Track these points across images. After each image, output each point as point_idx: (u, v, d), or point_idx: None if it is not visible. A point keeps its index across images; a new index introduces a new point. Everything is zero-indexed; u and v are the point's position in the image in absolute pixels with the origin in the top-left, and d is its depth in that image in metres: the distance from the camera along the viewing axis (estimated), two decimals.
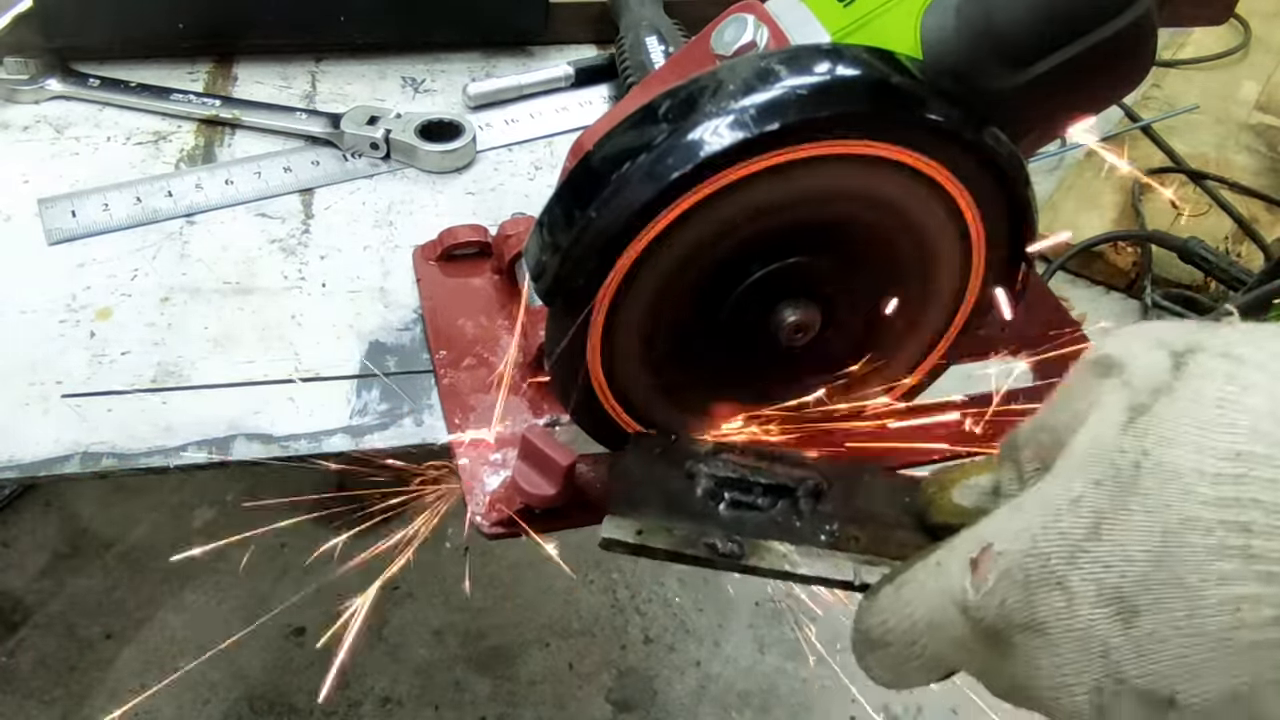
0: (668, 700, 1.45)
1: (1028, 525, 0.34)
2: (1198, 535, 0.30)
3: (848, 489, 0.45)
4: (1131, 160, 2.12)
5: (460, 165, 0.77)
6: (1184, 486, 0.31)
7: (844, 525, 0.44)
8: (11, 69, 0.79)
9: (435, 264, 0.67)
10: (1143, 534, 0.31)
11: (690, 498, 0.46)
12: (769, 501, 0.46)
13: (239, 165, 0.75)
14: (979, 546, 0.35)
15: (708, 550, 0.44)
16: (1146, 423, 0.32)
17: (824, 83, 0.43)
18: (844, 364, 0.55)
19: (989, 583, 0.34)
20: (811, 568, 0.43)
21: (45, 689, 1.39)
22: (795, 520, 0.45)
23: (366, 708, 1.41)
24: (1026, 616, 0.33)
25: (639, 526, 0.45)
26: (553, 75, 0.85)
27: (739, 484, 0.46)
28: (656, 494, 0.47)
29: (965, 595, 0.35)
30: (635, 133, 0.44)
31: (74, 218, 0.70)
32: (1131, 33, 0.47)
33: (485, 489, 0.53)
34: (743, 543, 0.44)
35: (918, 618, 0.37)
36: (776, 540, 0.44)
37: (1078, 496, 0.33)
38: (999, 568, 0.34)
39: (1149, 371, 0.34)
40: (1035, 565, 0.33)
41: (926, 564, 0.38)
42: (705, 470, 0.47)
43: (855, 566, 0.43)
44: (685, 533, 0.45)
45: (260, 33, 0.84)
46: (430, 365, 0.62)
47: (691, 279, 0.48)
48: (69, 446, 0.57)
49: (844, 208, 0.48)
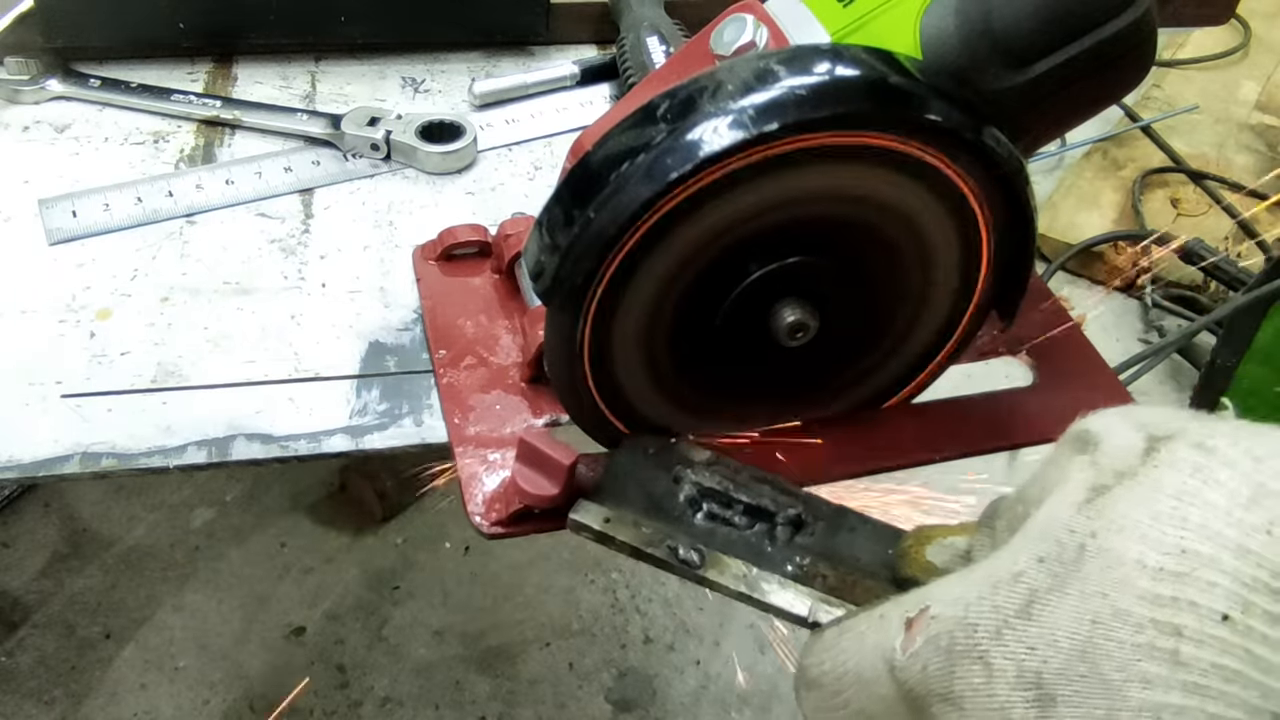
0: (668, 700, 1.45)
1: (965, 593, 0.33)
2: (1128, 631, 0.29)
3: (831, 527, 0.45)
4: (1131, 160, 2.12)
5: (461, 166, 0.77)
6: (1123, 576, 0.29)
7: (815, 560, 0.44)
8: (13, 69, 0.79)
9: (435, 264, 0.67)
10: (1073, 620, 0.30)
11: (670, 501, 0.46)
12: (746, 521, 0.45)
13: (239, 165, 0.75)
14: (919, 607, 0.34)
15: (668, 553, 0.44)
16: (1102, 505, 0.31)
17: (823, 83, 0.43)
18: (843, 366, 0.55)
19: (916, 644, 0.33)
20: (767, 595, 0.43)
21: (45, 689, 1.39)
22: (767, 545, 0.45)
23: (366, 708, 1.41)
24: (944, 687, 0.32)
25: (608, 515, 0.45)
26: (558, 74, 0.85)
27: (720, 497, 0.46)
28: (639, 491, 0.47)
29: (894, 655, 0.34)
30: (634, 133, 0.44)
31: (74, 217, 0.70)
32: (1131, 33, 0.47)
33: (484, 489, 0.53)
34: (705, 554, 0.44)
35: (849, 667, 0.36)
36: (740, 560, 0.44)
37: (1019, 571, 0.32)
38: (929, 632, 0.33)
39: (1119, 453, 0.32)
40: (962, 635, 0.32)
41: (871, 615, 0.36)
42: (691, 477, 0.47)
43: (814, 604, 0.42)
44: (651, 532, 0.45)
45: (261, 33, 0.84)
46: (430, 365, 0.62)
47: (689, 279, 0.48)
48: (69, 446, 0.57)
49: (844, 207, 0.48)
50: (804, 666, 0.38)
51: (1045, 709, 0.30)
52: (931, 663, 0.32)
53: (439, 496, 1.64)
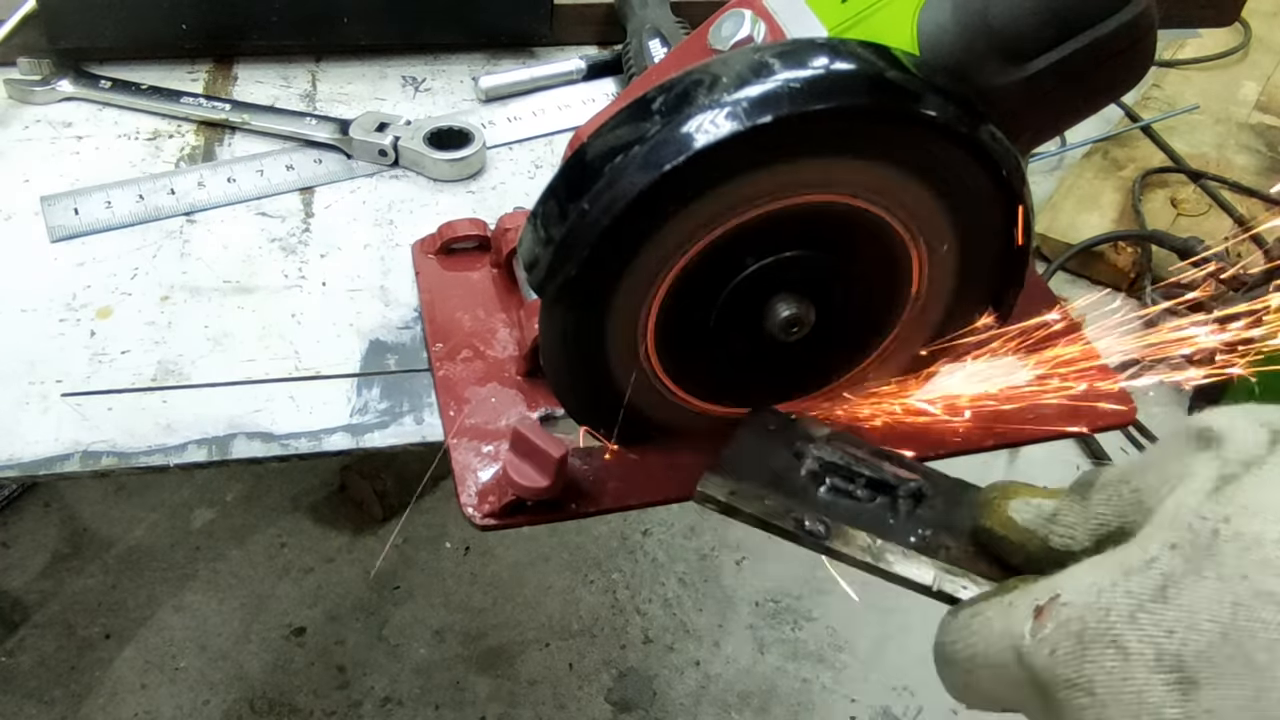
0: (668, 700, 1.45)
1: (1097, 580, 0.33)
2: (1272, 610, 0.29)
3: (950, 501, 0.46)
4: (1131, 160, 2.12)
5: (470, 174, 0.77)
6: (1263, 558, 0.29)
7: (937, 533, 0.44)
8: (25, 69, 0.79)
9: (434, 258, 0.67)
10: (1213, 602, 0.30)
11: (793, 475, 0.47)
12: (868, 495, 0.46)
13: (241, 163, 0.75)
14: (1049, 595, 0.35)
15: (794, 524, 0.45)
16: (1232, 491, 0.32)
17: (819, 77, 0.43)
18: (840, 359, 0.55)
19: (1046, 630, 0.33)
20: (893, 564, 0.44)
21: (45, 689, 1.39)
22: (890, 518, 0.45)
23: (366, 708, 1.41)
24: (1074, 671, 0.32)
25: (733, 488, 0.47)
26: (565, 68, 0.85)
27: (842, 471, 0.47)
28: (761, 465, 0.48)
29: (1023, 641, 0.34)
30: (629, 125, 0.44)
31: (76, 215, 0.70)
32: (1130, 30, 0.47)
33: (477, 480, 0.53)
34: (830, 525, 0.45)
35: (978, 651, 0.37)
36: (865, 531, 0.45)
37: (1151, 558, 0.32)
38: (1059, 617, 0.33)
39: (1245, 445, 0.33)
40: (1094, 619, 0.32)
41: (1000, 601, 0.37)
42: (813, 452, 0.48)
43: (937, 573, 0.43)
44: (776, 504, 0.46)
45: (263, 34, 0.84)
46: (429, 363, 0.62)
47: (684, 272, 0.48)
48: (69, 445, 0.57)
49: (839, 201, 0.48)
50: (940, 645, 0.39)
51: (1187, 692, 0.30)
52: (1061, 647, 0.33)
53: (439, 497, 1.65)
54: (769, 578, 1.59)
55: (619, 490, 0.54)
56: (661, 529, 1.64)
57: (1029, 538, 0.40)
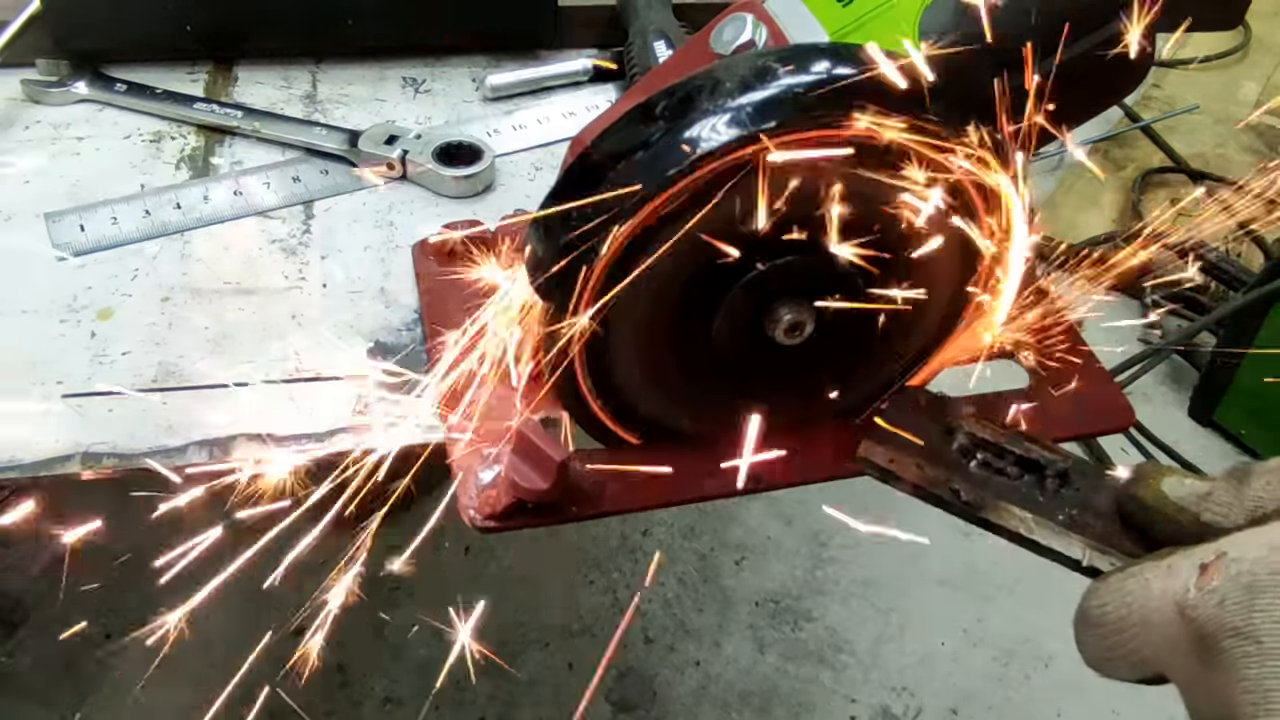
0: (668, 700, 1.45)
1: (1270, 538, 0.34)
2: None
3: (1093, 484, 0.48)
4: (1131, 160, 2.12)
5: (479, 190, 0.76)
6: None
7: (1082, 512, 0.46)
8: (44, 70, 0.79)
9: (434, 259, 0.67)
10: None
11: (945, 449, 0.50)
12: (1017, 472, 0.49)
13: (248, 175, 0.74)
14: (1214, 554, 0.36)
15: (950, 494, 0.48)
16: None
17: (820, 81, 0.43)
18: (839, 364, 0.55)
19: (1213, 583, 0.34)
20: (1045, 538, 0.46)
21: (45, 689, 1.39)
22: (1038, 495, 0.48)
23: (366, 708, 1.41)
24: (1243, 620, 0.33)
25: (892, 456, 0.49)
26: (572, 68, 0.85)
27: (993, 448, 0.50)
28: (914, 436, 0.50)
29: (1187, 595, 0.35)
30: (632, 130, 0.44)
31: (83, 232, 0.69)
32: None
33: (478, 482, 0.53)
34: (985, 498, 0.47)
35: (1134, 610, 0.38)
36: (1017, 506, 0.47)
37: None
38: (1227, 572, 0.34)
39: None
40: (1264, 571, 0.33)
41: (1158, 565, 0.38)
42: (965, 428, 0.50)
43: (1086, 549, 0.45)
44: (933, 474, 0.48)
45: (266, 36, 0.84)
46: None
47: (686, 275, 0.48)
48: (69, 446, 0.57)
49: (842, 205, 0.48)
50: (1085, 609, 0.41)
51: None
52: (1230, 597, 0.34)
53: (439, 498, 1.64)
54: (769, 578, 1.59)
55: (619, 493, 0.54)
56: (661, 529, 1.64)
57: (1181, 512, 0.41)
